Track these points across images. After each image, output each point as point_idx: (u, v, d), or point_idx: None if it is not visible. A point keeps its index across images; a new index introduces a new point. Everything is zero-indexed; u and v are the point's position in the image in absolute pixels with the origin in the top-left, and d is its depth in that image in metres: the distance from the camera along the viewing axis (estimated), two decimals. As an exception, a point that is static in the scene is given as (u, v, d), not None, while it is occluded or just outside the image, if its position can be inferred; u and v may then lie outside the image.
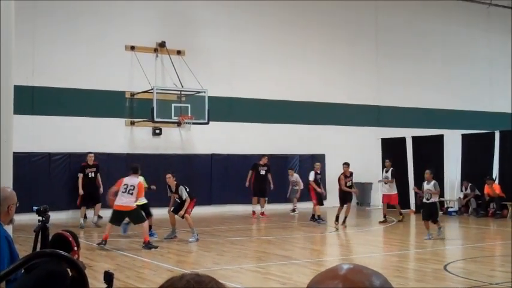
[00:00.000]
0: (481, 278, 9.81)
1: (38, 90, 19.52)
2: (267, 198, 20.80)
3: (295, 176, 21.56)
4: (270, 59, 23.55)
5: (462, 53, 28.28)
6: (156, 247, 13.00)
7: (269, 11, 23.67)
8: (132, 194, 13.18)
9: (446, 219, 20.35)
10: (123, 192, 13.17)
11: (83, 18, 20.38)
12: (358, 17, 25.83)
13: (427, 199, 14.67)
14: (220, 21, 22.89)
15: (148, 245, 12.98)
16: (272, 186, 20.29)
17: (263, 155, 20.54)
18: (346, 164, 18.01)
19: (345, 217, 17.53)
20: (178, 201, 14.49)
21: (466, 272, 10.65)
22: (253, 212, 20.06)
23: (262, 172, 20.23)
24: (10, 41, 9.02)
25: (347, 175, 17.99)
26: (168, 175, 14.60)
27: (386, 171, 19.59)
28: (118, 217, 13.51)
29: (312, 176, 18.72)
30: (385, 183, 19.43)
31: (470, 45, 28.68)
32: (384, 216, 18.92)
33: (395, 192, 19.37)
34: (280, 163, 22.73)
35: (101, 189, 17.50)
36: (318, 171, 19.06)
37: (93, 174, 17.77)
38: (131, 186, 13.26)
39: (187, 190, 14.44)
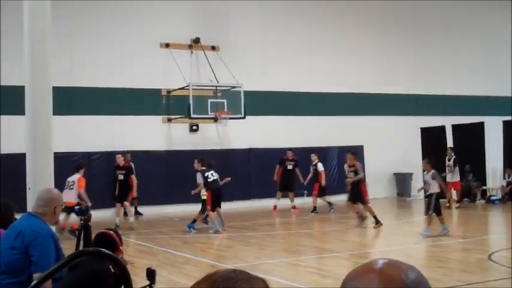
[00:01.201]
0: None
1: (76, 90, 19.77)
2: (306, 191, 20.71)
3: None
4: (304, 52, 23.40)
5: (502, 38, 27.65)
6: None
7: (303, 3, 23.50)
8: (72, 189, 14.22)
9: (489, 208, 20.04)
10: (65, 188, 13.96)
11: (117, 17, 20.58)
12: (395, 5, 25.47)
13: (426, 191, 13.72)
14: (253, 15, 22.85)
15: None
16: (302, 180, 19.97)
17: (289, 149, 20.47)
18: (350, 153, 16.62)
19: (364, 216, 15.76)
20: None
21: (511, 261, 10.44)
22: (275, 207, 19.99)
23: (290, 167, 20.18)
24: (47, 43, 9.15)
25: (349, 165, 16.19)
26: (195, 160, 15.78)
27: (449, 160, 19.96)
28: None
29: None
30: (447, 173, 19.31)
31: (510, 29, 28.04)
32: (449, 202, 19.37)
33: (458, 179, 20.03)
34: (319, 156, 22.62)
35: (133, 193, 16.67)
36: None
37: (122, 177, 16.77)
38: (71, 182, 14.33)
39: (209, 180, 14.80)
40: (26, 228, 4.90)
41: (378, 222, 15.24)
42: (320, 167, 19.43)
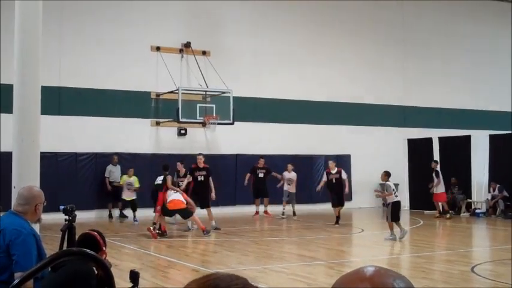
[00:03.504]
0: (509, 280, 9.64)
1: (65, 90, 19.71)
2: (291, 200, 20.72)
3: (292, 174, 20.51)
4: (295, 59, 23.48)
5: (490, 53, 27.90)
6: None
7: (295, 11, 23.60)
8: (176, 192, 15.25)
9: (474, 221, 20.14)
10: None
11: (108, 19, 20.54)
12: (385, 17, 25.63)
13: (385, 200, 15.11)
14: (246, 21, 22.90)
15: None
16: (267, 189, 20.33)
17: (260, 157, 20.51)
18: (332, 160, 18.64)
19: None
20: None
21: (493, 274, 10.50)
22: (256, 212, 20.30)
23: (261, 174, 20.28)
24: (37, 43, 9.12)
25: (331, 172, 18.19)
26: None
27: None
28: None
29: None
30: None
31: (499, 45, 28.28)
32: (439, 212, 20.40)
33: (443, 190, 20.56)
34: (306, 164, 22.69)
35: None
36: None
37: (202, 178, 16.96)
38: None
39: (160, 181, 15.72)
40: (7, 226, 4.86)
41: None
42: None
